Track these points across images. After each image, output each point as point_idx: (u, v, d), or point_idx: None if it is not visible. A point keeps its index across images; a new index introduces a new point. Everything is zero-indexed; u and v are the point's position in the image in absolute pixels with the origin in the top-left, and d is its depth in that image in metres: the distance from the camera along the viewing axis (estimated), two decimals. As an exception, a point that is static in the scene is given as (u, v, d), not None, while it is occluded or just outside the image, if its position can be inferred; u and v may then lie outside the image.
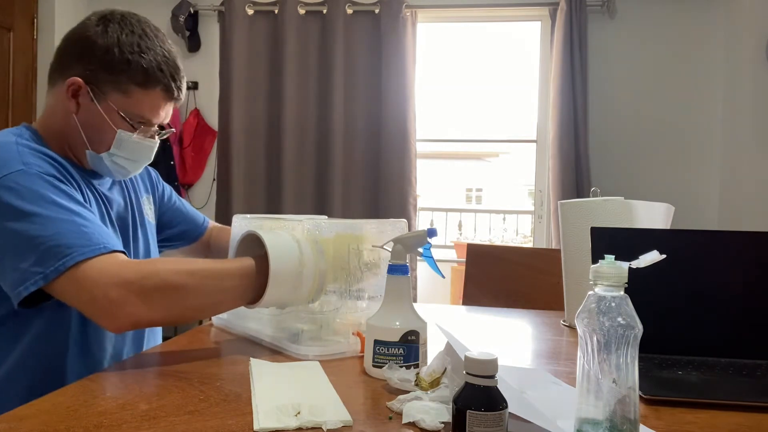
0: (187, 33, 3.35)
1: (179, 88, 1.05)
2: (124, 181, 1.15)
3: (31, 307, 0.89)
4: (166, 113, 1.06)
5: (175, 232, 1.33)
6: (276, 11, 3.26)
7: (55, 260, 0.84)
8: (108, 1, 3.62)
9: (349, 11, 3.21)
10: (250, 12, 3.29)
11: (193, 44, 3.39)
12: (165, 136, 1.08)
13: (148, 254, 1.19)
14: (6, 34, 3.03)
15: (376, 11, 3.19)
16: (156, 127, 1.06)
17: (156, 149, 1.08)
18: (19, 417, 0.66)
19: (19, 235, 0.85)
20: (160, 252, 1.29)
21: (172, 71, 1.02)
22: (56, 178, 0.92)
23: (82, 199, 0.95)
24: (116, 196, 1.12)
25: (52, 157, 0.96)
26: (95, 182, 1.06)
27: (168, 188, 1.33)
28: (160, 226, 1.28)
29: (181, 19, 3.28)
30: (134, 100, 1.00)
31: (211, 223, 1.40)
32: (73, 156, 1.04)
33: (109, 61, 0.97)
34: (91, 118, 1.00)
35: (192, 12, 3.34)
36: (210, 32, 3.40)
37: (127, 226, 1.12)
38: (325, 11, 3.23)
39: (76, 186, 0.98)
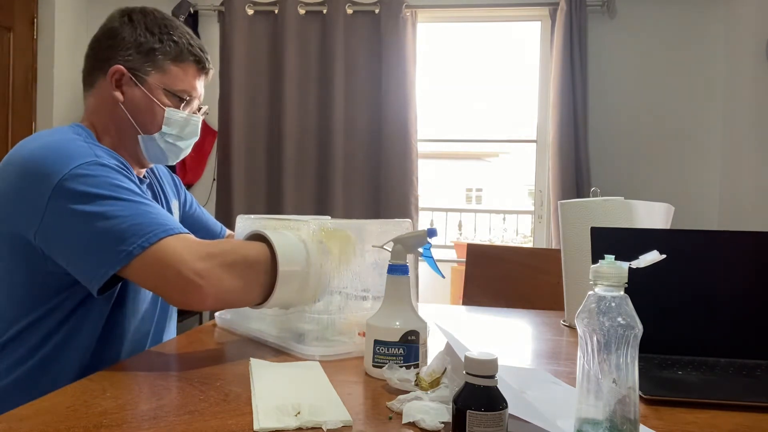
0: (187, 33, 3.35)
1: (208, 60, 1.12)
2: (155, 185, 1.20)
3: (103, 293, 0.91)
4: (200, 87, 1.12)
5: None
6: (276, 11, 3.26)
7: (137, 237, 0.86)
8: (108, 2, 3.61)
9: (349, 11, 3.21)
10: (250, 12, 3.29)
11: (193, 44, 3.39)
12: (205, 114, 1.15)
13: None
14: (6, 34, 3.03)
15: (376, 11, 3.19)
16: (196, 105, 1.12)
17: (200, 125, 1.13)
18: (19, 417, 0.66)
19: (98, 218, 0.87)
20: None
21: (199, 45, 1.11)
22: (125, 170, 0.96)
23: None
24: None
25: (113, 155, 1.00)
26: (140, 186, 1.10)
27: (190, 196, 1.36)
28: None
29: (181, 19, 3.28)
30: (172, 76, 1.07)
31: (228, 232, 1.41)
32: (125, 152, 1.08)
33: (143, 43, 1.04)
34: (138, 103, 1.05)
35: (192, 12, 3.34)
36: (210, 32, 3.40)
37: None
38: (325, 11, 3.22)
39: (135, 180, 1.01)
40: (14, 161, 0.93)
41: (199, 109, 1.14)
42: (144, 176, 1.17)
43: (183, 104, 1.09)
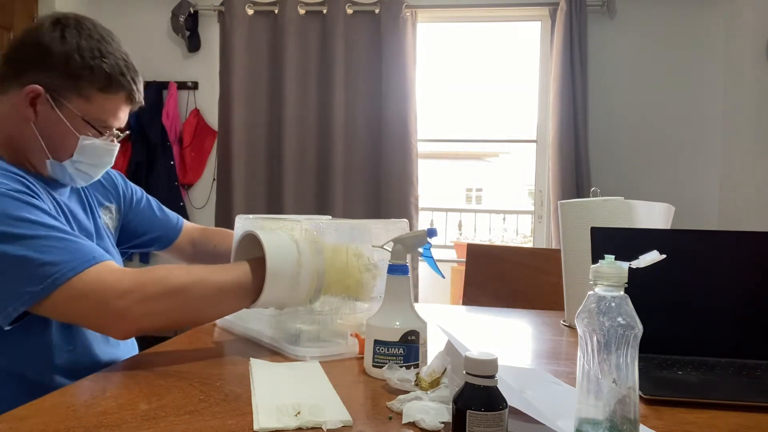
0: (187, 33, 3.35)
1: (140, 91, 1.03)
2: (81, 189, 1.11)
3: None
4: (125, 116, 1.04)
5: (147, 239, 1.27)
6: (276, 11, 3.26)
7: (42, 280, 0.81)
8: (108, 2, 3.60)
9: (349, 11, 3.21)
10: (250, 12, 3.29)
11: (193, 44, 3.39)
12: (121, 139, 1.05)
13: (119, 260, 1.16)
14: (6, 34, 3.03)
15: (376, 11, 3.19)
16: (115, 131, 1.03)
17: (116, 153, 1.05)
18: (19, 417, 0.66)
19: (2, 259, 0.82)
20: (126, 257, 1.25)
21: (132, 75, 1.01)
22: (26, 194, 0.88)
23: (54, 212, 0.92)
24: (75, 205, 1.08)
25: (14, 172, 0.92)
26: (55, 192, 1.02)
27: (138, 192, 1.26)
28: (128, 232, 1.23)
29: (181, 19, 3.28)
30: (96, 105, 0.98)
31: (188, 225, 1.34)
32: (31, 165, 1.00)
33: (71, 67, 0.94)
34: (51, 126, 0.96)
35: (192, 12, 3.34)
36: (210, 32, 3.40)
37: (90, 235, 1.07)
38: (325, 11, 3.23)
39: (42, 197, 0.94)
40: None
41: (118, 135, 1.04)
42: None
43: (104, 133, 1.01)
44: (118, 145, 1.05)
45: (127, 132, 1.07)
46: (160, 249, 1.32)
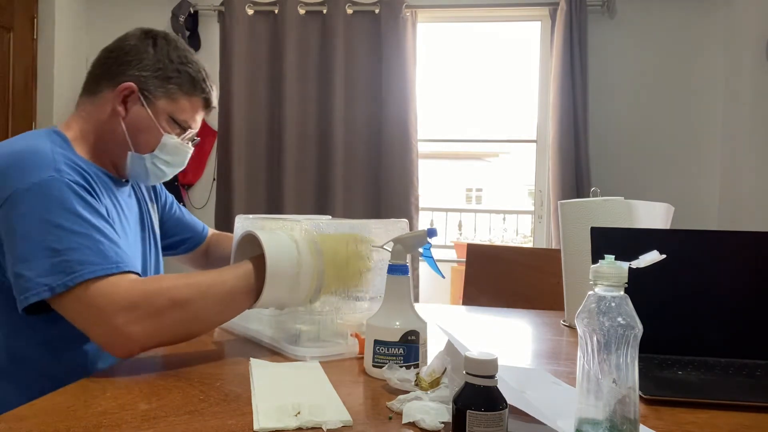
0: (187, 33, 3.35)
1: (215, 98, 1.16)
2: (135, 189, 1.19)
3: (37, 314, 0.88)
4: (200, 121, 1.14)
5: (176, 241, 1.34)
6: (276, 11, 3.25)
7: (64, 275, 0.84)
8: (108, 2, 3.61)
9: (349, 11, 3.21)
10: (250, 12, 3.29)
11: (193, 44, 3.39)
12: (195, 142, 1.16)
13: (158, 263, 1.21)
14: (6, 34, 3.03)
15: (376, 11, 3.19)
16: (190, 136, 1.14)
17: (189, 157, 1.15)
18: (19, 417, 0.66)
19: (36, 242, 0.85)
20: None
21: (210, 83, 1.13)
22: (84, 188, 0.94)
23: (105, 212, 0.96)
24: (133, 205, 1.15)
25: (81, 167, 0.98)
26: (117, 191, 1.10)
27: (170, 197, 1.35)
28: (162, 232, 1.29)
29: (181, 19, 3.28)
30: (179, 106, 1.08)
31: (210, 231, 1.41)
32: (108, 160, 1.08)
33: (162, 69, 1.06)
34: (139, 122, 1.06)
35: (192, 12, 3.34)
36: (210, 32, 3.40)
37: (145, 235, 1.16)
38: (325, 11, 3.22)
39: (100, 194, 1.00)
40: None
41: (193, 139, 1.15)
42: (126, 180, 1.15)
43: (181, 134, 1.11)
44: (192, 149, 1.14)
45: (198, 139, 1.17)
46: (185, 252, 1.36)
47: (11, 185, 0.88)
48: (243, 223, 1.13)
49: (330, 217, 1.12)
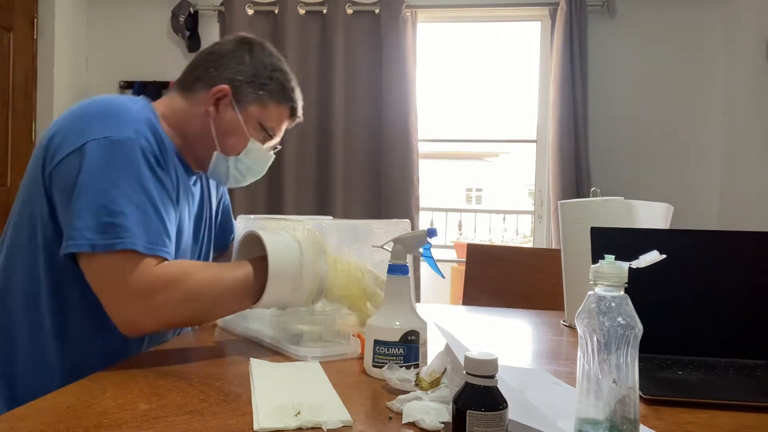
0: (187, 33, 3.35)
1: (301, 109, 1.18)
2: (202, 181, 1.20)
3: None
4: (283, 130, 1.17)
5: (217, 238, 1.33)
6: (276, 11, 3.25)
7: (108, 237, 0.86)
8: (108, 2, 3.60)
9: (349, 11, 3.21)
10: (250, 12, 3.29)
11: (193, 44, 3.39)
12: (276, 151, 1.19)
13: (208, 254, 1.23)
14: (6, 34, 3.03)
15: (376, 11, 3.19)
16: (272, 144, 1.17)
17: (268, 167, 1.18)
18: (19, 417, 0.66)
19: (94, 196, 0.87)
20: None
21: (299, 94, 1.16)
22: (156, 160, 0.95)
23: (170, 187, 0.99)
24: (196, 194, 1.17)
25: (162, 140, 0.99)
26: (185, 175, 1.10)
27: (227, 198, 1.36)
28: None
29: (181, 19, 3.28)
30: (268, 113, 1.11)
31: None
32: (184, 149, 1.09)
33: (256, 75, 1.09)
34: (228, 124, 1.08)
35: (192, 12, 3.34)
36: (210, 32, 3.40)
37: (200, 224, 1.18)
38: (325, 11, 3.22)
39: (170, 172, 1.01)
40: (79, 106, 0.97)
41: (275, 147, 1.18)
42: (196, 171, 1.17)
43: (266, 141, 1.13)
44: (273, 158, 1.17)
45: (280, 147, 1.20)
46: (216, 251, 1.35)
47: (89, 134, 0.90)
48: (244, 223, 1.13)
49: (331, 217, 1.12)
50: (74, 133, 0.91)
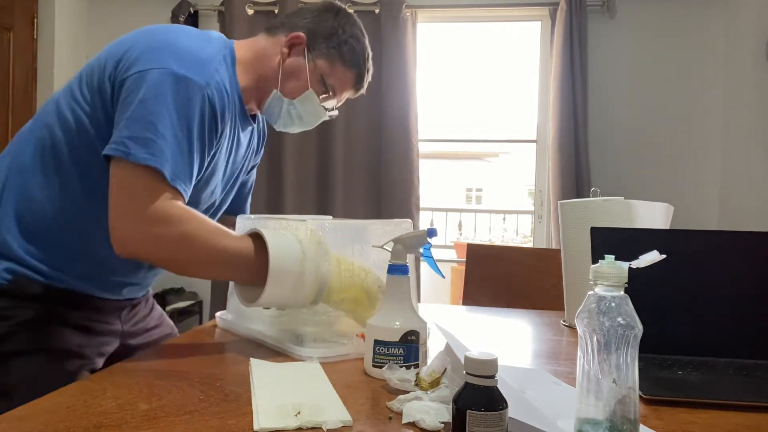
0: (187, 33, 3.35)
1: (367, 80, 1.22)
2: (255, 133, 1.26)
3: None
4: (345, 96, 1.21)
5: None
6: (276, 11, 3.25)
7: (146, 150, 0.90)
8: (108, 2, 3.60)
9: (350, 11, 3.21)
10: (250, 12, 3.29)
11: (193, 44, 3.39)
12: (332, 114, 1.23)
13: (223, 202, 1.26)
14: (6, 34, 3.03)
15: (376, 11, 3.19)
16: (330, 105, 1.20)
17: (320, 122, 1.21)
18: (19, 417, 0.66)
19: (146, 113, 0.91)
20: None
21: (369, 65, 1.20)
22: (213, 112, 1.00)
23: (214, 137, 1.03)
24: (244, 144, 1.20)
25: (228, 91, 1.03)
26: (242, 124, 1.14)
27: (256, 163, 1.38)
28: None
29: (181, 19, 3.28)
30: (335, 71, 1.15)
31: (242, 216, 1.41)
32: (252, 91, 1.13)
33: (332, 35, 1.14)
34: (294, 70, 1.13)
35: (192, 12, 3.34)
36: (210, 32, 3.40)
37: (233, 174, 1.22)
38: (325, 11, 3.22)
39: (226, 122, 1.05)
40: (161, 31, 1.01)
41: (332, 109, 1.21)
42: (254, 118, 1.22)
43: (325, 98, 1.17)
44: (327, 116, 1.21)
45: (336, 113, 1.24)
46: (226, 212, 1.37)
47: (166, 63, 0.94)
48: (244, 223, 1.13)
49: (331, 217, 1.12)
50: (152, 56, 0.95)
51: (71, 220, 1.01)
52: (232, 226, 1.36)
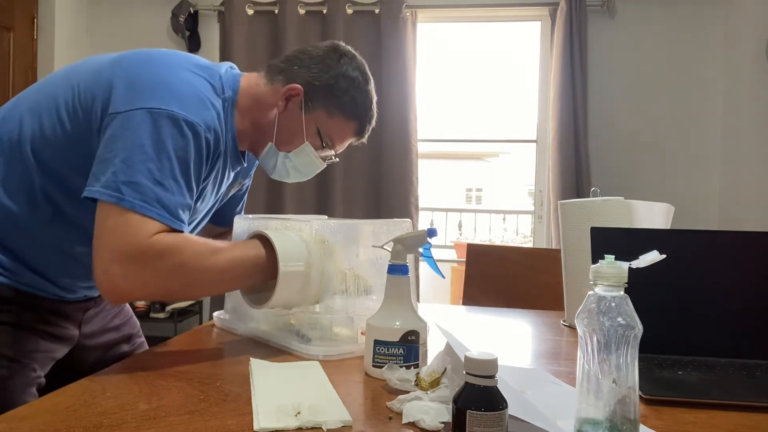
0: (187, 33, 3.35)
1: (368, 132, 1.18)
2: (240, 169, 1.21)
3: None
4: (344, 146, 1.18)
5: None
6: (276, 11, 3.26)
7: (139, 195, 0.86)
8: (108, 2, 3.60)
9: (349, 11, 3.21)
10: (250, 12, 3.29)
11: (193, 44, 3.39)
12: (331, 162, 1.20)
13: (220, 218, 1.26)
14: (6, 34, 3.03)
15: (376, 11, 3.19)
16: (330, 156, 1.17)
17: (316, 174, 1.18)
18: (19, 417, 0.66)
19: (143, 157, 0.87)
20: None
21: (371, 115, 1.16)
22: (207, 150, 0.97)
23: (204, 176, 1.00)
24: (231, 177, 1.17)
25: (220, 133, 1.00)
26: (233, 163, 1.11)
27: (247, 186, 1.35)
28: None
29: (181, 19, 3.28)
30: (333, 123, 1.11)
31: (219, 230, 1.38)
32: (246, 134, 1.10)
33: (332, 85, 1.09)
34: (290, 122, 1.09)
35: (192, 12, 3.34)
36: (210, 32, 3.40)
37: (219, 200, 1.19)
38: (325, 11, 3.22)
39: (218, 159, 1.03)
40: (163, 71, 0.95)
41: (330, 158, 1.18)
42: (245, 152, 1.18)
43: (321, 149, 1.13)
44: (324, 166, 1.17)
45: (337, 160, 1.21)
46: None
47: (165, 103, 0.90)
48: (242, 224, 1.13)
49: (326, 217, 1.12)
50: (151, 94, 0.91)
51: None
52: (219, 235, 1.35)
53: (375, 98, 1.15)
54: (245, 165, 1.19)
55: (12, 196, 0.96)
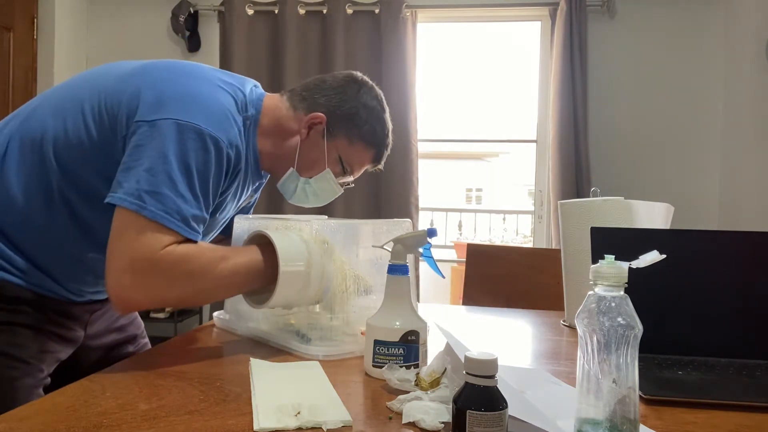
0: (187, 33, 3.35)
1: (385, 156, 1.21)
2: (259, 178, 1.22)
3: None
4: (361, 171, 1.20)
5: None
6: (276, 11, 3.26)
7: (161, 205, 0.87)
8: (108, 2, 3.60)
9: (349, 11, 3.21)
10: (250, 12, 3.29)
11: (193, 44, 3.39)
12: (346, 188, 1.22)
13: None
14: (6, 34, 3.03)
15: (376, 11, 3.19)
16: (348, 182, 1.20)
17: (333, 199, 1.21)
18: (19, 417, 0.66)
19: (165, 167, 0.88)
20: None
21: (388, 143, 1.19)
22: (228, 166, 0.98)
23: (223, 190, 1.01)
24: (249, 190, 1.19)
25: (242, 151, 1.02)
26: (252, 179, 1.14)
27: (256, 198, 1.35)
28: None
29: (181, 19, 3.28)
30: (353, 151, 1.14)
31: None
32: (267, 156, 1.12)
33: (354, 114, 1.12)
34: (313, 149, 1.12)
35: (192, 12, 3.34)
36: (210, 32, 3.40)
37: (232, 216, 1.20)
38: (325, 11, 3.22)
39: (238, 175, 1.04)
40: (190, 85, 0.96)
41: (348, 184, 1.21)
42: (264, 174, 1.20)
43: (340, 176, 1.16)
44: (341, 192, 1.20)
45: (353, 185, 1.23)
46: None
47: (192, 117, 0.91)
48: (242, 224, 1.13)
49: (326, 217, 1.12)
50: (178, 107, 0.92)
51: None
52: (218, 243, 1.35)
53: (391, 127, 1.18)
54: (264, 181, 1.21)
55: (29, 197, 0.96)
